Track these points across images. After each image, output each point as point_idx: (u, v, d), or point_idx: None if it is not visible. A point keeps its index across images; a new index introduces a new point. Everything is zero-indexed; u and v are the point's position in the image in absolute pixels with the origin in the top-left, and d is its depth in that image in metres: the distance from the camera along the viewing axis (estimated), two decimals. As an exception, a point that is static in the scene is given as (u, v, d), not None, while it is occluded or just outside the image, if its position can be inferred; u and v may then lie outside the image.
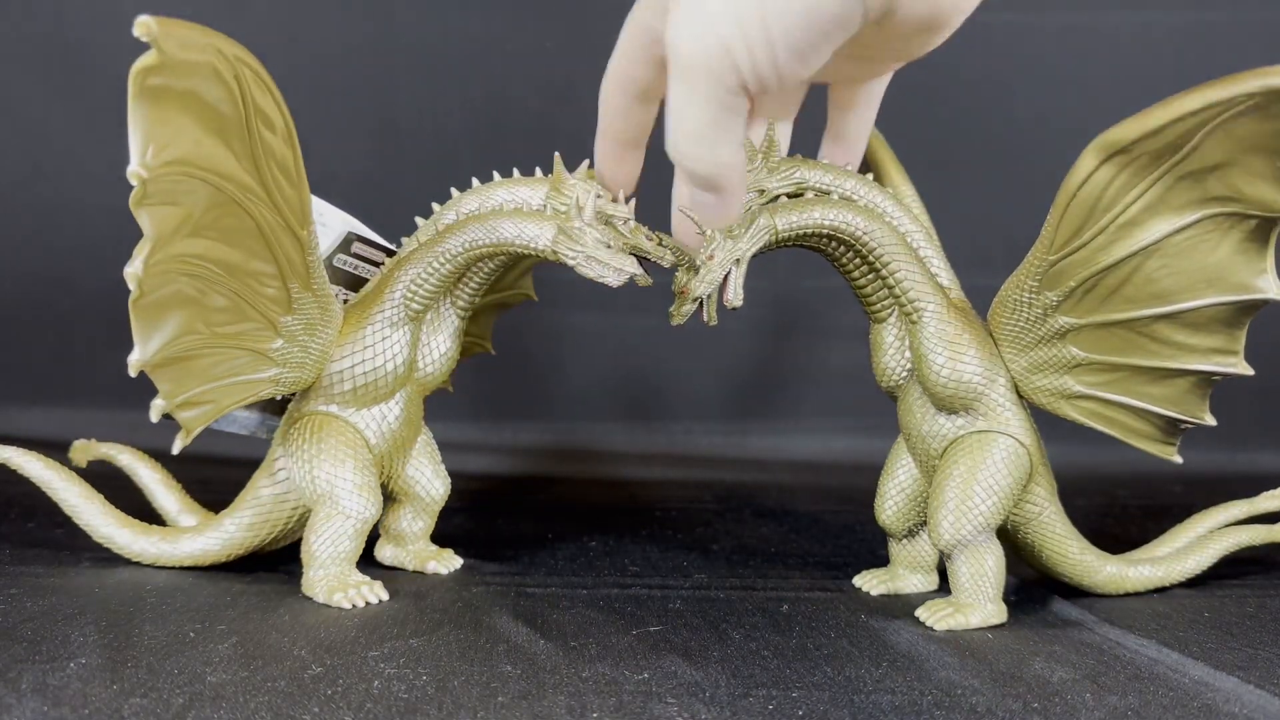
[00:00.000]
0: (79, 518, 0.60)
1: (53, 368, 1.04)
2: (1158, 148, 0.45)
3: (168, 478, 0.64)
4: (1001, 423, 0.55)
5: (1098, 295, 0.51)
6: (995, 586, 0.54)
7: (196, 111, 0.45)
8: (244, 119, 0.46)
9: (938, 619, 0.53)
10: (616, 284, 0.53)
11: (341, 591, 0.54)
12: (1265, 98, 0.42)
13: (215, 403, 0.52)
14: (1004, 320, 0.55)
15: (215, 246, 0.48)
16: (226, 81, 0.45)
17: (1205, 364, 0.51)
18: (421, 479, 0.62)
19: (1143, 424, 0.55)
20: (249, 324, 0.52)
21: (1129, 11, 1.06)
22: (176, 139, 0.44)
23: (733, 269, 0.51)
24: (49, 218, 1.04)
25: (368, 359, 0.56)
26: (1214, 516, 0.64)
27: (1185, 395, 0.53)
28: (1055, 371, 0.55)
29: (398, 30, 1.04)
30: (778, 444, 1.07)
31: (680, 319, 0.52)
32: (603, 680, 0.44)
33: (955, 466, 0.55)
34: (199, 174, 0.46)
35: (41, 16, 1.02)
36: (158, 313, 0.48)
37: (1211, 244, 0.48)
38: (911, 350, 0.56)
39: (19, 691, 0.40)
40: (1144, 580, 0.60)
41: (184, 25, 0.43)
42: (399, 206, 0.60)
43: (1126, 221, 0.48)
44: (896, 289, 0.55)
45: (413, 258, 0.56)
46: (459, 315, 0.59)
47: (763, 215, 0.52)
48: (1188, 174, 0.46)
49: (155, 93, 0.43)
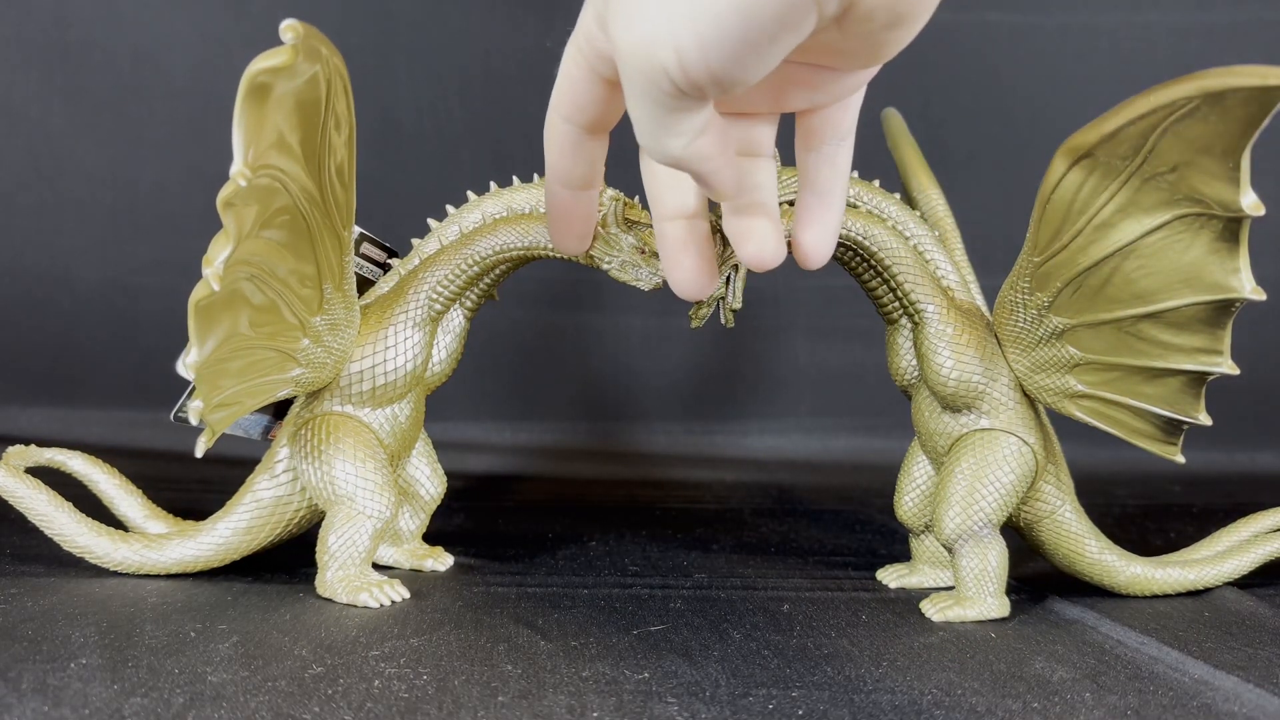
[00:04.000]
0: (49, 527, 0.57)
1: (53, 368, 1.04)
2: (1121, 151, 0.45)
3: (126, 483, 0.60)
4: (1004, 421, 0.56)
5: (1084, 296, 0.52)
6: (997, 581, 0.55)
7: (287, 113, 0.45)
8: (322, 122, 0.47)
9: (938, 610, 0.55)
10: (649, 288, 0.55)
11: (366, 591, 0.54)
12: (1204, 101, 0.41)
13: (242, 403, 0.52)
14: (1004, 321, 0.56)
15: (269, 247, 0.49)
16: (320, 85, 0.45)
17: (1192, 364, 0.51)
18: (420, 478, 0.63)
19: (1143, 423, 0.55)
20: (283, 324, 0.52)
21: (1129, 11, 1.06)
22: (269, 139, 0.45)
23: (733, 274, 0.54)
24: (49, 218, 1.04)
25: (390, 359, 0.56)
26: (1260, 521, 0.63)
27: (1178, 395, 0.53)
28: (1057, 371, 0.55)
29: (398, 30, 1.04)
30: (778, 444, 1.07)
31: (699, 322, 0.55)
32: (603, 680, 0.44)
33: (959, 463, 0.56)
34: (280, 175, 0.46)
35: (41, 16, 1.02)
36: (216, 314, 0.47)
37: (1184, 244, 0.48)
38: (915, 351, 0.58)
39: (19, 691, 0.40)
40: (1174, 583, 0.60)
41: (315, 31, 0.43)
42: (399, 207, 0.60)
43: (1101, 223, 0.49)
44: (899, 291, 0.57)
45: (439, 259, 0.57)
46: (465, 316, 0.60)
47: None
48: (1152, 176, 0.46)
49: (262, 92, 0.43)
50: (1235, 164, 0.43)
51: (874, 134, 0.67)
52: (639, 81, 0.31)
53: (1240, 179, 0.44)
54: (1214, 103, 0.42)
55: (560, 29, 1.04)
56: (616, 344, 1.09)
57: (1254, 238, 0.47)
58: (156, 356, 0.69)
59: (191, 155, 1.03)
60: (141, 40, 1.02)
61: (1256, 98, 0.41)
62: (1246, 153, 0.43)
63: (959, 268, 0.59)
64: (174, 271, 1.00)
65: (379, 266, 0.63)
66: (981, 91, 1.06)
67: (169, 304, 0.71)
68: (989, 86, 1.06)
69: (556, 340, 1.09)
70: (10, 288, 1.05)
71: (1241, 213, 0.45)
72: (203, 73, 1.02)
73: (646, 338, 1.09)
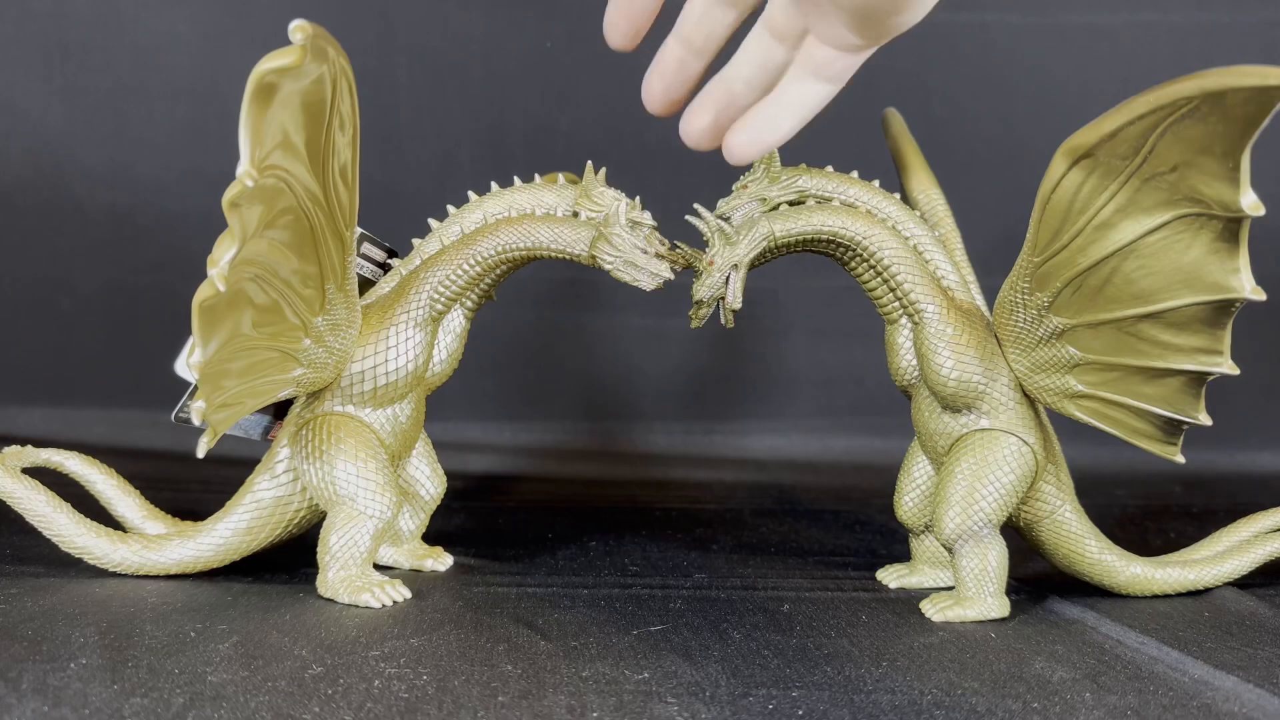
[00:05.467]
0: (48, 528, 0.57)
1: (53, 368, 1.04)
2: (1120, 151, 0.45)
3: (123, 483, 0.60)
4: (1005, 421, 0.56)
5: (1084, 296, 0.52)
6: (997, 581, 0.55)
7: (292, 113, 0.45)
8: (327, 122, 0.47)
9: (937, 610, 0.55)
10: (650, 288, 0.55)
11: (368, 591, 0.54)
12: (1203, 101, 0.41)
13: (243, 404, 0.52)
14: (1004, 321, 0.56)
15: (273, 247, 0.49)
16: (326, 86, 0.45)
17: (1191, 364, 0.51)
18: (420, 478, 0.63)
19: (1143, 423, 0.55)
20: (286, 325, 0.52)
21: (1129, 12, 1.06)
22: (276, 140, 0.45)
23: (732, 274, 0.55)
24: (49, 218, 1.04)
25: (391, 359, 0.56)
26: (1260, 521, 0.63)
27: (1178, 395, 0.53)
28: (1057, 371, 0.55)
29: (398, 30, 1.04)
30: (778, 444, 1.07)
31: (699, 322, 0.56)
32: (603, 680, 0.44)
33: (959, 464, 0.56)
34: (285, 175, 0.46)
35: (41, 16, 1.02)
36: (220, 315, 0.47)
37: (1184, 244, 0.48)
38: (915, 351, 0.58)
39: (19, 691, 0.40)
40: (1174, 583, 0.60)
41: (323, 31, 0.43)
42: (399, 207, 0.60)
43: (1101, 223, 0.49)
44: (898, 291, 0.57)
45: (440, 259, 0.57)
46: (466, 316, 0.60)
47: (761, 222, 0.55)
48: (1151, 176, 0.46)
49: (269, 92, 0.43)
50: (1235, 164, 0.43)
51: (874, 134, 0.67)
52: None
53: (1240, 179, 0.44)
54: (1214, 103, 0.41)
55: (560, 29, 1.04)
56: (616, 344, 1.09)
57: (1254, 238, 0.47)
58: (156, 357, 0.69)
59: (191, 155, 1.03)
60: (141, 40, 1.02)
61: (1256, 98, 0.41)
62: (1246, 153, 0.43)
63: (959, 268, 0.59)
64: (174, 272, 1.00)
65: (379, 266, 0.63)
66: (981, 91, 1.06)
67: (169, 305, 0.71)
68: (989, 86, 1.06)
69: (556, 340, 1.08)
70: (10, 288, 1.04)
71: (1241, 213, 0.44)
72: (203, 73, 1.02)
73: (646, 338, 1.09)
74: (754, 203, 0.56)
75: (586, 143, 0.54)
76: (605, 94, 1.03)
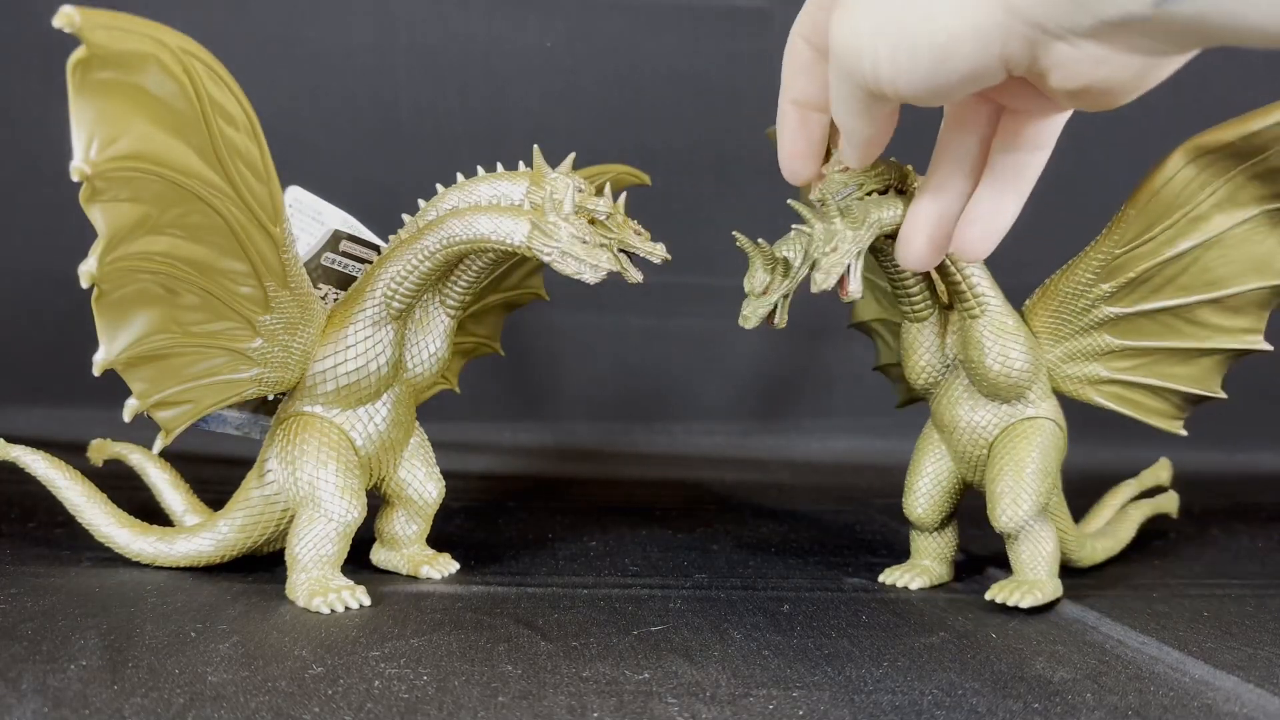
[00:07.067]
0: (81, 517, 0.60)
1: (53, 368, 1.04)
2: (1243, 150, 0.49)
3: (176, 478, 0.64)
4: (1047, 409, 0.59)
5: (1152, 285, 0.55)
6: (1054, 564, 0.58)
7: (145, 106, 0.44)
8: (200, 114, 0.45)
9: (1018, 598, 0.55)
10: (593, 281, 0.52)
11: (321, 595, 0.53)
12: None
13: (195, 403, 0.53)
14: (1046, 313, 0.58)
15: (182, 244, 0.48)
16: (175, 74, 0.44)
17: (1234, 342, 0.56)
18: (414, 482, 0.61)
19: (1159, 402, 0.59)
20: (225, 323, 0.52)
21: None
22: (124, 133, 0.43)
23: (853, 262, 0.50)
24: (49, 218, 1.04)
25: (350, 358, 0.55)
26: (1122, 494, 0.73)
27: (1208, 372, 0.58)
28: (1086, 359, 0.58)
29: (398, 30, 1.04)
30: (778, 444, 1.07)
31: (755, 321, 0.50)
32: (603, 680, 0.44)
33: (1012, 452, 0.57)
34: (153, 169, 0.45)
35: (41, 16, 1.02)
36: (123, 310, 0.48)
37: (1263, 234, 0.52)
38: (968, 343, 0.57)
39: (19, 692, 0.40)
40: (1105, 551, 0.66)
41: (115, 16, 0.41)
42: (399, 207, 0.60)
43: (1196, 216, 0.52)
44: (963, 284, 0.56)
45: (393, 255, 0.56)
46: (448, 314, 0.58)
47: (873, 209, 0.51)
48: (1259, 174, 0.50)
49: (98, 86, 0.42)
50: None
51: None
52: (838, 71, 0.36)
53: None
54: None
55: (560, 29, 1.04)
56: (616, 344, 1.09)
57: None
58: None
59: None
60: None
61: None
62: None
63: None
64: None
65: (368, 264, 0.62)
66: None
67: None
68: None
69: (556, 340, 1.09)
70: (10, 288, 1.04)
71: None
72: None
73: (646, 338, 1.09)
74: (852, 187, 0.51)
75: (587, 143, 0.54)
76: (605, 94, 1.03)
